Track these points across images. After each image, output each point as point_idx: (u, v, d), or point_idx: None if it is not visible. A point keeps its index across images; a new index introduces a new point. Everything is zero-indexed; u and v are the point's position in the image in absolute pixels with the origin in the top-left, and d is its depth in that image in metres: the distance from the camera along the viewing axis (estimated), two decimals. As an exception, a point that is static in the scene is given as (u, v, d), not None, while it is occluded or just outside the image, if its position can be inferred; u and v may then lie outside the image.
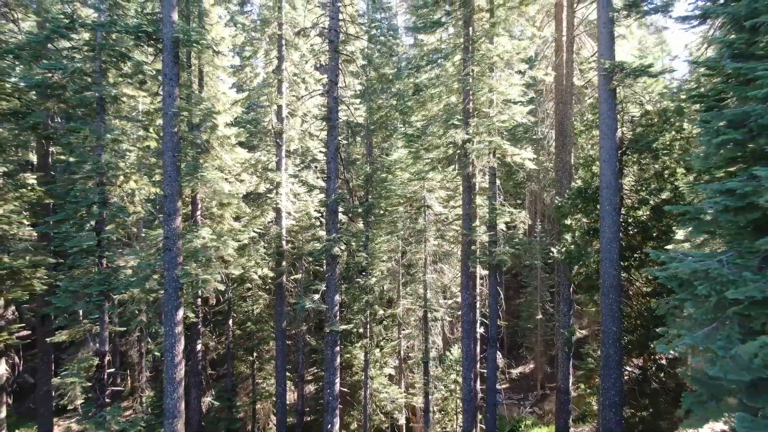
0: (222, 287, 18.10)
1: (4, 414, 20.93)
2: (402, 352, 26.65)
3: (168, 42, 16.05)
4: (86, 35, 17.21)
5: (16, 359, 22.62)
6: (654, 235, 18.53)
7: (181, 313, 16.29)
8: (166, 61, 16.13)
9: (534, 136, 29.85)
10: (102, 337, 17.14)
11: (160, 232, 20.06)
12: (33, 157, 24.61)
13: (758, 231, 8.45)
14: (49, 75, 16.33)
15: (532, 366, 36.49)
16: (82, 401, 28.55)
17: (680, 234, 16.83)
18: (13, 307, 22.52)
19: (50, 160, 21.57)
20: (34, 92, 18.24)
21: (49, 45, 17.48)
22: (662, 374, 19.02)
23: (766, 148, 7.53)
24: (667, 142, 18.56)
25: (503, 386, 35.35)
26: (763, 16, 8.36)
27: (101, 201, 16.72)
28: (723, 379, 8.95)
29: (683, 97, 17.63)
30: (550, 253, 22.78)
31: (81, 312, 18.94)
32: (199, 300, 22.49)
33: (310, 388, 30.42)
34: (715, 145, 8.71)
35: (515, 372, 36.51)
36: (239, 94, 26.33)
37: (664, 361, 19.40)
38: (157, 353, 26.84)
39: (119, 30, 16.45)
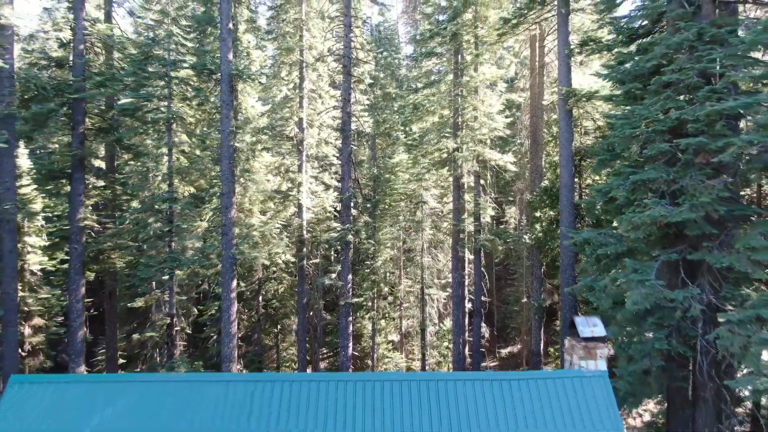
0: (267, 262, 24.11)
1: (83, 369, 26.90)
2: (403, 327, 32.69)
3: (225, 76, 22.03)
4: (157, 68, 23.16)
5: (84, 328, 28.49)
6: (602, 224, 24.51)
7: (234, 283, 22.31)
8: (224, 90, 22.13)
9: (519, 140, 35.83)
10: (171, 303, 23.16)
11: (199, 223, 26.09)
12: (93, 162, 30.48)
13: (620, 214, 14.44)
14: (134, 100, 22.32)
15: (519, 346, 42.51)
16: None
17: (615, 223, 22.81)
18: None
19: (115, 164, 27.47)
20: (114, 112, 24.26)
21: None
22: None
23: (616, 166, 13.47)
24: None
25: (493, 364, 41.41)
26: (628, 84, 14.36)
27: (171, 198, 22.71)
28: (605, 307, 15.00)
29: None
30: (523, 240, 28.81)
31: (154, 284, 24.74)
32: (235, 280, 28.46)
33: (325, 364, 36.40)
34: (598, 162, 14.72)
35: (504, 351, 42.56)
36: (264, 107, 32.35)
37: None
38: (188, 332, 32.75)
39: (186, 67, 22.47)
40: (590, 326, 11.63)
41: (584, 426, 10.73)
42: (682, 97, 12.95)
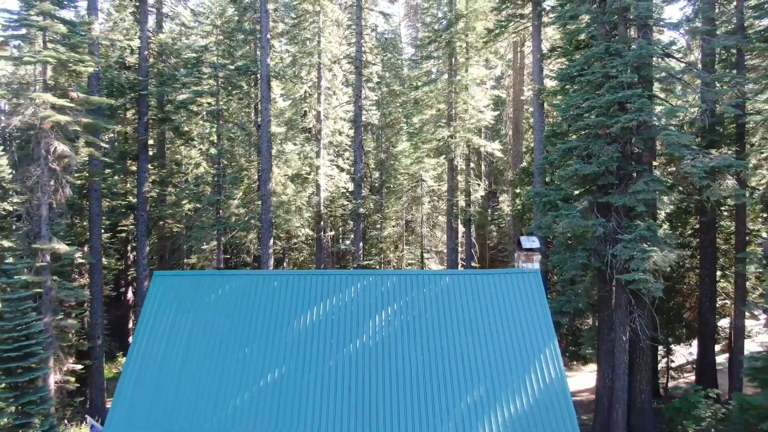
0: (298, 223, 31.09)
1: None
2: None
3: (264, 76, 29.04)
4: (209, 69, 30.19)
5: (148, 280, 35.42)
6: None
7: (271, 241, 29.27)
8: (263, 87, 29.14)
9: (504, 131, 42.88)
10: (219, 259, 30.10)
11: (231, 202, 33.05)
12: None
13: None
14: (193, 96, 29.34)
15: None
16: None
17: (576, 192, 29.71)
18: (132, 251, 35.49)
19: (165, 148, 34.50)
20: (169, 106, 31.26)
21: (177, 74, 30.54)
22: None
23: (556, 142, 20.33)
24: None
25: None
26: (563, 82, 21.27)
27: (220, 175, 29.69)
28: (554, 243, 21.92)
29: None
30: (507, 213, 35.77)
31: (204, 245, 31.68)
32: (272, 239, 35.27)
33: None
34: (545, 138, 21.63)
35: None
36: (285, 102, 39.39)
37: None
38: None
39: (232, 70, 29.52)
40: (530, 242, 18.50)
41: (522, 302, 17.62)
42: (598, 92, 19.89)
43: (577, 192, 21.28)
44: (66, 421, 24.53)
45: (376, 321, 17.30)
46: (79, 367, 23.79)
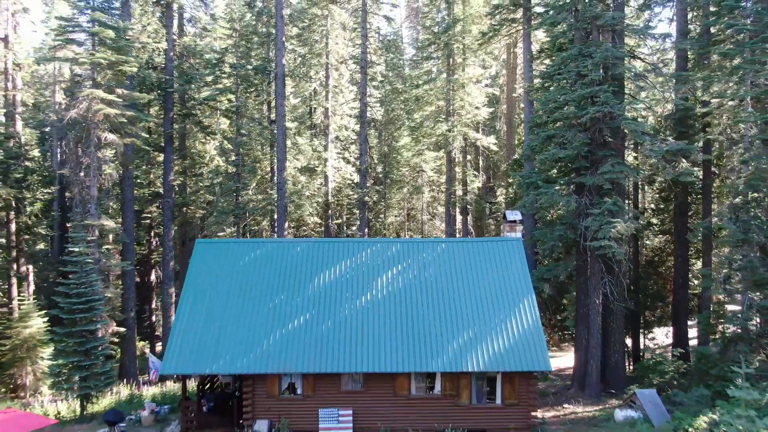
0: (310, 210, 35.04)
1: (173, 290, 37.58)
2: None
3: (280, 74, 33.00)
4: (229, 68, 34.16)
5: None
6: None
7: (286, 224, 33.17)
8: (278, 85, 33.10)
9: (498, 126, 46.85)
10: (238, 241, 33.93)
11: (247, 191, 36.98)
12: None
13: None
14: (214, 94, 33.29)
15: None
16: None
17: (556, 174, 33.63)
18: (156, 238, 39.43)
19: (186, 142, 38.43)
20: (190, 102, 35.21)
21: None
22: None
23: (539, 132, 24.22)
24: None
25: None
26: (543, 80, 25.18)
27: (239, 164, 33.62)
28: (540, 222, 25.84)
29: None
30: (503, 205, 39.67)
31: (226, 231, 35.63)
32: (286, 222, 39.17)
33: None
34: (529, 129, 25.52)
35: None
36: (294, 100, 43.39)
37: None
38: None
39: (249, 70, 33.47)
40: (513, 215, 22.43)
41: (506, 264, 21.53)
42: (572, 88, 23.82)
43: (556, 174, 25.21)
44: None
45: (382, 279, 21.26)
46: (122, 329, 27.64)
